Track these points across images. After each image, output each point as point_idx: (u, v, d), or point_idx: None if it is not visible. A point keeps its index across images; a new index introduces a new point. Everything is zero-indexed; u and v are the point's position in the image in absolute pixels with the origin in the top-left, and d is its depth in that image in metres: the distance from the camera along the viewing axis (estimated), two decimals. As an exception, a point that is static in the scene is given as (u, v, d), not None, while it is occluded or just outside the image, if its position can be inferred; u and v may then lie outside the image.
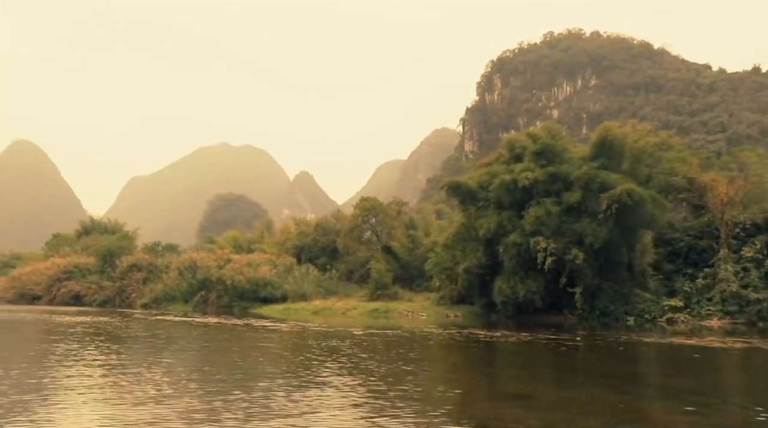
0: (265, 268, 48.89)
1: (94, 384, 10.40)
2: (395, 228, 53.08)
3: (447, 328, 27.09)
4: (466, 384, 11.86)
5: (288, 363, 14.08)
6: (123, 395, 9.48)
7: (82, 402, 8.97)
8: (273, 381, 11.21)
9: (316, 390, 10.11)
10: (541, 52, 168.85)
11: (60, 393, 9.74)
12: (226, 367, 13.05)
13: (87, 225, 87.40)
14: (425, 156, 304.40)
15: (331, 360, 14.26)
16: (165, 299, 50.48)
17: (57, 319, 31.45)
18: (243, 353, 16.59)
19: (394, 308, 40.23)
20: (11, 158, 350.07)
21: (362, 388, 10.55)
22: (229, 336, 22.67)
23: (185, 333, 23.92)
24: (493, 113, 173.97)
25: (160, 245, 65.04)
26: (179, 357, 15.42)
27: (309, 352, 16.15)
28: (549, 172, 35.28)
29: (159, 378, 11.10)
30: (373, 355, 15.98)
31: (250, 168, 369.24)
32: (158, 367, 12.74)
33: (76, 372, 11.86)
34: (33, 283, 65.71)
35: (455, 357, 17.44)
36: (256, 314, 40.95)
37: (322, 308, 41.86)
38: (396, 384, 10.91)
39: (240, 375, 11.96)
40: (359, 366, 13.55)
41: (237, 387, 10.26)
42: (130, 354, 15.70)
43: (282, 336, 22.15)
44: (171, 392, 9.76)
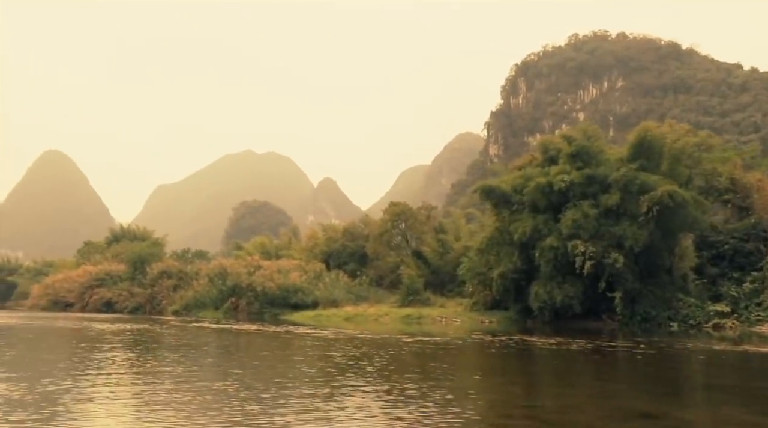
0: (295, 274, 48.70)
1: (185, 402, 9.17)
2: (425, 233, 52.56)
3: (494, 335, 26.36)
4: (573, 398, 10.65)
5: (364, 372, 13.27)
6: (221, 413, 8.39)
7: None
8: (366, 394, 10.24)
9: (430, 407, 9.11)
10: (566, 55, 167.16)
11: (166, 409, 8.67)
12: (303, 379, 12.32)
13: (117, 233, 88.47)
14: (449, 161, 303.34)
15: (409, 372, 13.49)
16: (195, 305, 50.56)
17: (98, 326, 31.17)
18: (309, 362, 15.68)
19: (427, 314, 39.62)
20: (42, 168, 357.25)
21: (477, 405, 9.56)
22: (278, 344, 21.63)
23: (233, 341, 23.08)
24: (518, 116, 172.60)
25: (190, 252, 65.37)
26: (247, 368, 14.09)
27: (377, 362, 15.38)
28: (585, 174, 34.42)
29: (239, 393, 10.17)
30: (443, 365, 15.36)
31: (274, 175, 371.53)
32: (230, 379, 11.84)
33: (159, 387, 10.56)
34: (66, 290, 66.58)
35: (533, 367, 16.26)
36: (288, 320, 40.63)
37: (354, 314, 41.41)
38: (505, 402, 9.98)
39: (326, 388, 10.84)
40: (443, 377, 12.77)
41: (330, 400, 9.53)
42: (192, 364, 14.70)
43: (331, 343, 21.34)
44: (258, 409, 8.67)
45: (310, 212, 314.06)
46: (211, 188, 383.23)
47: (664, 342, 22.58)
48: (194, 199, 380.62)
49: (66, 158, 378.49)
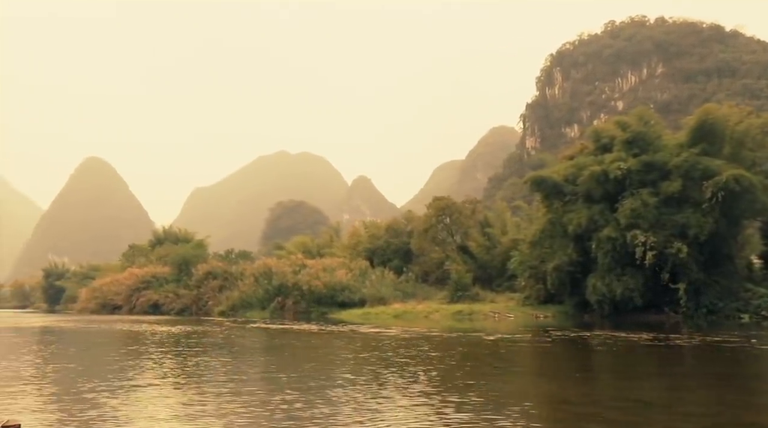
0: (341, 272, 48.20)
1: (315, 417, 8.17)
2: (470, 227, 51.50)
3: (562, 329, 25.34)
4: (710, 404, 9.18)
5: (464, 373, 12.46)
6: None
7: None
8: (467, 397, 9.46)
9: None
10: (602, 43, 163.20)
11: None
12: (405, 380, 11.44)
13: (159, 235, 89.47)
14: (483, 155, 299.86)
15: (507, 373, 12.73)
16: (242, 306, 50.50)
17: (161, 329, 30.78)
18: (405, 365, 14.69)
19: (478, 310, 38.71)
20: (84, 175, 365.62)
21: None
22: (347, 343, 20.67)
23: (306, 343, 21.66)
24: (555, 107, 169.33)
25: (233, 253, 65.51)
26: (342, 374, 12.59)
27: (468, 363, 14.60)
28: (643, 161, 33.09)
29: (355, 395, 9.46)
30: (535, 362, 14.56)
31: (308, 175, 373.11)
32: (331, 384, 10.92)
33: (273, 398, 9.51)
34: (113, 293, 67.37)
35: (642, 366, 14.80)
36: (337, 319, 40.16)
37: (403, 311, 40.71)
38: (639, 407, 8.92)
39: (445, 392, 9.95)
40: (565, 376, 11.91)
41: (445, 403, 8.83)
42: (276, 368, 13.93)
43: (402, 342, 20.32)
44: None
45: (345, 210, 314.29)
46: (246, 189, 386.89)
47: (744, 336, 21.25)
48: (230, 201, 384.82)
49: (106, 165, 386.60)
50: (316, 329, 28.67)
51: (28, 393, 9.99)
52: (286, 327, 31.75)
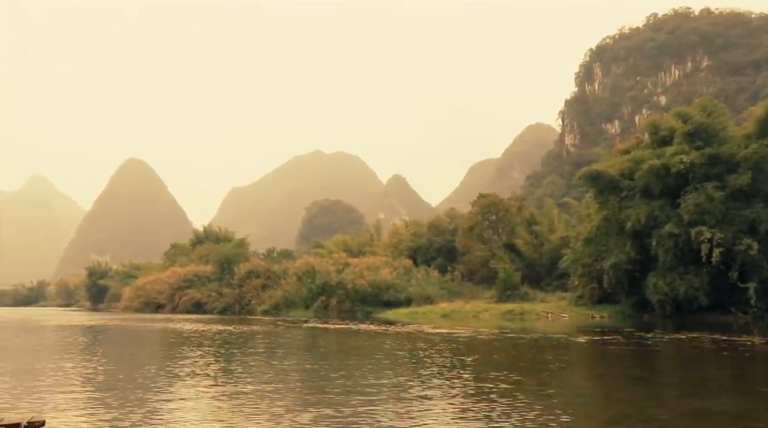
0: (386, 271, 47.44)
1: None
2: (517, 225, 50.23)
3: (627, 330, 24.07)
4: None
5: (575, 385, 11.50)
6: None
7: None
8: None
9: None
10: (644, 36, 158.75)
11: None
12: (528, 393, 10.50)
13: (200, 234, 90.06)
14: (519, 153, 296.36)
15: (621, 383, 11.35)
16: (285, 305, 50.15)
17: (216, 328, 29.99)
18: (524, 371, 13.65)
19: (530, 309, 37.51)
20: (124, 176, 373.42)
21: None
22: (425, 345, 18.47)
23: (377, 345, 19.38)
24: (595, 103, 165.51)
25: (275, 251, 65.33)
26: (439, 385, 10.47)
27: (570, 367, 13.59)
28: (707, 154, 31.47)
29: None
30: (643, 370, 13.44)
31: (343, 174, 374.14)
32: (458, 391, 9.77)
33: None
34: (156, 292, 67.90)
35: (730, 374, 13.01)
36: (383, 318, 39.40)
37: (451, 311, 39.72)
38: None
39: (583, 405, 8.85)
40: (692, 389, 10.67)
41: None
42: (373, 375, 12.03)
43: (479, 345, 19.06)
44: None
45: (380, 209, 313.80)
46: (282, 189, 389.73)
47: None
48: (267, 200, 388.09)
49: (145, 166, 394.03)
50: (377, 329, 27.47)
51: (62, 391, 9.81)
52: (343, 326, 30.40)
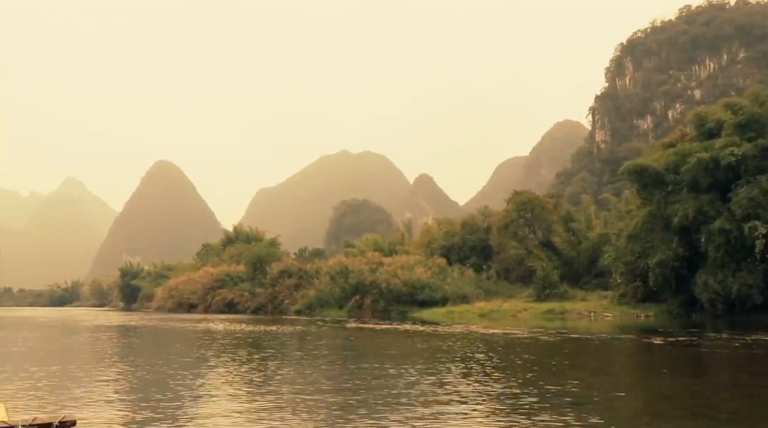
0: (420, 270, 46.70)
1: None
2: (554, 222, 49.06)
3: (676, 330, 23.04)
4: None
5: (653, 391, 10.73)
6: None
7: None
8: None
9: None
10: (677, 29, 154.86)
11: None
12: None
13: (230, 235, 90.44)
14: (548, 150, 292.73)
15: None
16: (319, 304, 49.75)
17: (259, 329, 29.49)
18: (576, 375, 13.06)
19: (571, 308, 36.49)
20: (154, 177, 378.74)
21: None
22: (491, 347, 18.10)
23: (445, 347, 18.15)
24: (626, 98, 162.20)
25: (307, 251, 65.07)
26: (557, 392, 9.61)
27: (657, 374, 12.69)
28: (760, 145, 30.13)
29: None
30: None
31: (370, 174, 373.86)
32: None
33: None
34: (189, 292, 68.20)
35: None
36: (418, 318, 38.76)
37: (489, 310, 38.90)
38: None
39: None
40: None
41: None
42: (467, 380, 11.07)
43: (548, 347, 18.10)
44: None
45: (408, 209, 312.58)
46: (309, 189, 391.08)
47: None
48: (294, 200, 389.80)
49: (174, 168, 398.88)
50: (426, 329, 26.56)
51: (95, 392, 9.79)
52: (388, 327, 29.48)
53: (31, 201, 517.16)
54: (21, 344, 21.45)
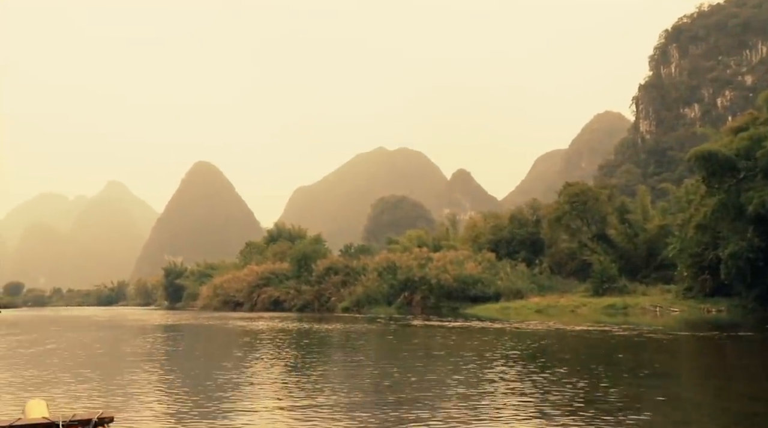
0: (471, 265, 45.45)
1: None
2: (608, 214, 47.22)
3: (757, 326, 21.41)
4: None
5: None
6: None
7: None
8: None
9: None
10: (726, 12, 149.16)
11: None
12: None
13: (273, 232, 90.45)
14: (588, 142, 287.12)
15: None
16: (367, 301, 48.91)
17: (321, 327, 28.78)
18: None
19: (633, 303, 34.79)
20: (194, 178, 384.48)
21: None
22: (582, 344, 17.23)
23: (535, 346, 17.24)
24: (672, 87, 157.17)
25: (352, 247, 64.37)
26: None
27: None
28: (843, 126, 28.01)
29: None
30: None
31: (406, 170, 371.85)
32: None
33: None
34: (234, 290, 68.15)
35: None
36: (472, 314, 37.55)
37: (546, 305, 37.46)
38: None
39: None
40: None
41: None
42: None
43: (643, 344, 16.82)
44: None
45: (445, 204, 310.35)
46: (346, 186, 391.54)
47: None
48: (331, 198, 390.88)
49: (214, 168, 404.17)
50: (497, 326, 25.29)
51: (138, 388, 9.90)
52: (457, 324, 27.75)
53: (76, 204, 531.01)
54: (101, 344, 21.03)
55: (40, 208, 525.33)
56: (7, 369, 13.18)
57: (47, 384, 10.43)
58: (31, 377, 11.66)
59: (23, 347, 17.04)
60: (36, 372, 12.32)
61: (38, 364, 13.39)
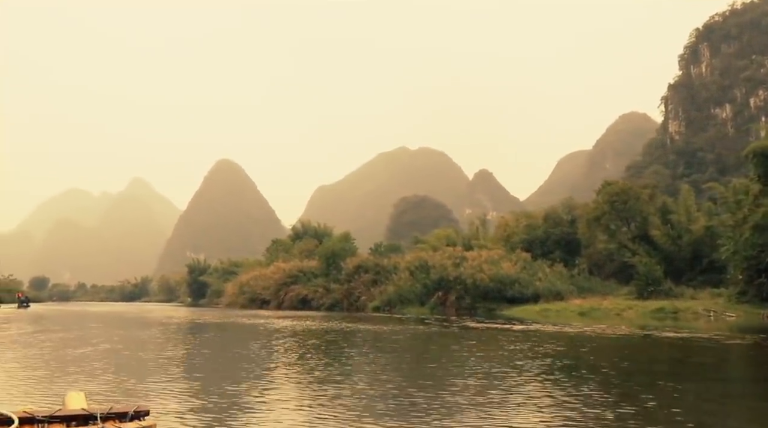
0: (508, 264, 44.09)
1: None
2: (650, 214, 45.56)
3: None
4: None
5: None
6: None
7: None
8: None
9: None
10: (761, 10, 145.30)
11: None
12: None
13: (299, 230, 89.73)
14: (613, 144, 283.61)
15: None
16: (399, 301, 47.75)
17: (359, 327, 27.59)
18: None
19: (684, 307, 33.21)
20: (217, 175, 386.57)
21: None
22: (667, 352, 15.83)
23: (624, 354, 15.70)
24: (702, 87, 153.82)
25: (382, 246, 63.29)
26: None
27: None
28: None
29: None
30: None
31: (428, 170, 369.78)
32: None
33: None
34: (261, 288, 67.39)
35: None
36: (509, 315, 36.25)
37: (589, 308, 36.02)
38: None
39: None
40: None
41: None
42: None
43: (738, 352, 15.90)
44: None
45: (467, 204, 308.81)
46: (368, 185, 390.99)
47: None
48: (353, 197, 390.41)
49: (236, 166, 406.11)
50: (552, 330, 23.65)
51: (170, 384, 9.90)
52: (507, 327, 25.49)
53: (101, 200, 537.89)
54: (149, 342, 20.16)
55: (66, 204, 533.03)
56: (55, 366, 12.47)
57: (88, 377, 10.61)
58: (74, 372, 11.45)
59: (70, 346, 16.19)
60: (85, 368, 11.69)
61: (100, 366, 12.50)
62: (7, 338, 20.37)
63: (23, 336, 21.83)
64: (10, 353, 15.23)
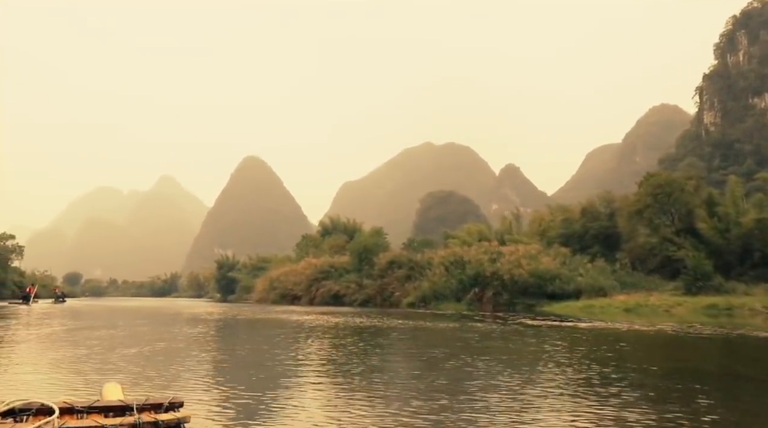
0: (547, 259, 42.80)
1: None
2: (697, 207, 43.82)
3: None
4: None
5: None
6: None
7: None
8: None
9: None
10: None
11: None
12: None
13: (327, 226, 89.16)
14: (643, 137, 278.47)
15: None
16: (434, 297, 46.76)
17: (409, 324, 26.68)
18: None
19: (739, 303, 31.69)
20: (244, 172, 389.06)
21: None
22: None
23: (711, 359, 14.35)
24: (739, 76, 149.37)
25: (415, 241, 62.32)
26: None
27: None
28: None
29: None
30: None
31: (454, 165, 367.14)
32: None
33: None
34: (292, 283, 66.90)
35: None
36: (551, 312, 35.04)
37: (635, 304, 34.63)
38: None
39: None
40: None
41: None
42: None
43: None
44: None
45: (494, 199, 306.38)
46: (393, 181, 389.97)
47: None
48: (378, 194, 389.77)
49: (263, 163, 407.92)
50: (611, 327, 22.35)
51: (203, 377, 10.04)
52: (563, 325, 23.99)
53: (130, 198, 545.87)
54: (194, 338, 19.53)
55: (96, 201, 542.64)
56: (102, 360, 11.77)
57: (124, 370, 10.64)
58: (122, 367, 11.01)
59: (125, 346, 15.14)
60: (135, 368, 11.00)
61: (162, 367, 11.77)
62: (53, 334, 19.74)
63: (70, 332, 21.18)
64: (63, 351, 14.47)
